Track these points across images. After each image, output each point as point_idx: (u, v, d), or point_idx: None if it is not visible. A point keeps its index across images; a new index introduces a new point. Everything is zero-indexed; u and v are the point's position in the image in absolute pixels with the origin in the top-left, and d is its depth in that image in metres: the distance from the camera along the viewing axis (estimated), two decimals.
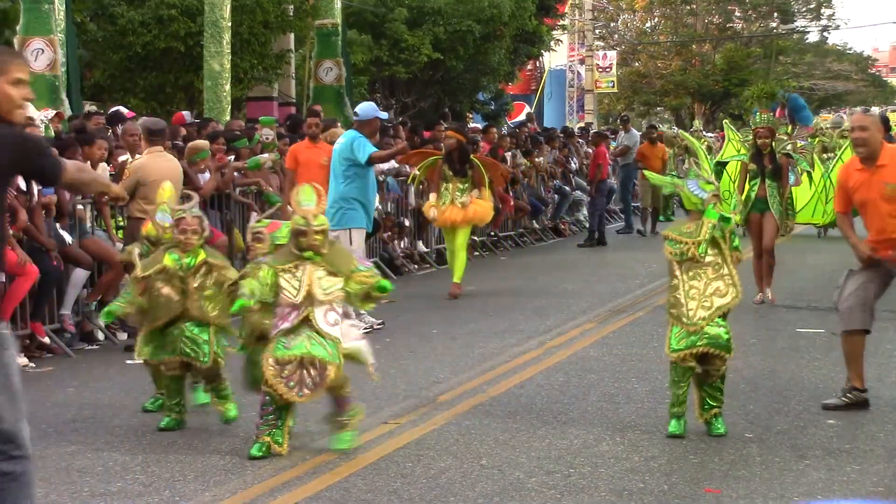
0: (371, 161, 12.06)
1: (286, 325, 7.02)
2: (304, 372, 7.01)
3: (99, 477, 6.82)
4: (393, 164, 16.11)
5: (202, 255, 7.86)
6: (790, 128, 15.16)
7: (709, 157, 21.29)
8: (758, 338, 11.36)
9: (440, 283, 16.04)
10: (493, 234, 20.40)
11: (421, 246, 17.80)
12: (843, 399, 8.37)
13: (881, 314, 12.91)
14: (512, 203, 20.71)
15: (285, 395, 7.01)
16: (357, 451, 7.38)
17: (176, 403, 7.94)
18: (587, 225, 22.48)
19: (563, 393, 9.04)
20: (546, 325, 12.23)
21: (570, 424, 8.05)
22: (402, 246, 17.14)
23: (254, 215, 13.37)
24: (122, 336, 11.62)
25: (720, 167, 17.40)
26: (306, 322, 7.03)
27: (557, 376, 9.68)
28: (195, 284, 7.82)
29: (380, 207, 16.18)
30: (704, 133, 32.42)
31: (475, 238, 19.51)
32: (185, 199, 8.22)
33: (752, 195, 13.22)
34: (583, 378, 9.57)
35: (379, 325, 12.09)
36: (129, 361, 5.82)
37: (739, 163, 14.04)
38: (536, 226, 22.49)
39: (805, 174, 14.79)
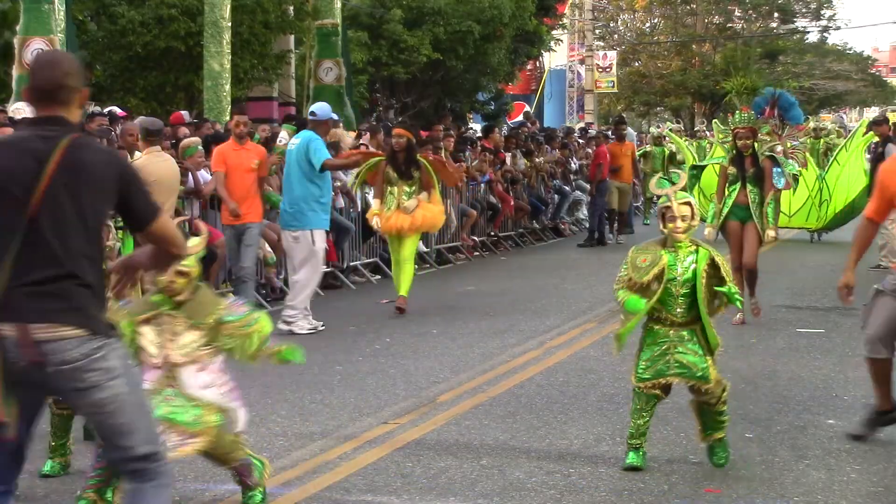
0: (324, 168, 12.09)
1: (146, 385, 5.69)
2: (168, 433, 5.69)
3: None
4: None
5: None
6: (782, 128, 14.33)
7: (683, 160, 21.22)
8: (758, 338, 11.36)
9: (440, 283, 16.05)
10: (493, 234, 20.41)
11: (421, 246, 17.78)
12: (869, 429, 7.63)
13: None
14: (512, 203, 20.73)
15: None
16: (357, 450, 7.38)
17: (61, 445, 6.92)
18: (587, 225, 22.48)
19: (563, 393, 9.04)
20: (546, 325, 12.23)
21: (570, 424, 8.05)
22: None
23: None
24: None
25: (696, 171, 16.47)
26: (170, 382, 5.83)
27: (557, 376, 9.68)
28: None
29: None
30: (708, 134, 32.04)
31: (475, 238, 19.53)
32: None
33: (730, 201, 11.96)
34: (583, 378, 9.57)
35: (322, 327, 12.01)
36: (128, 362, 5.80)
37: (718, 166, 12.65)
38: (536, 226, 22.49)
39: (798, 176, 14.09)
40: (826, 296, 14.23)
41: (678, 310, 6.77)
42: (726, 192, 12.00)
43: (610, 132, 23.57)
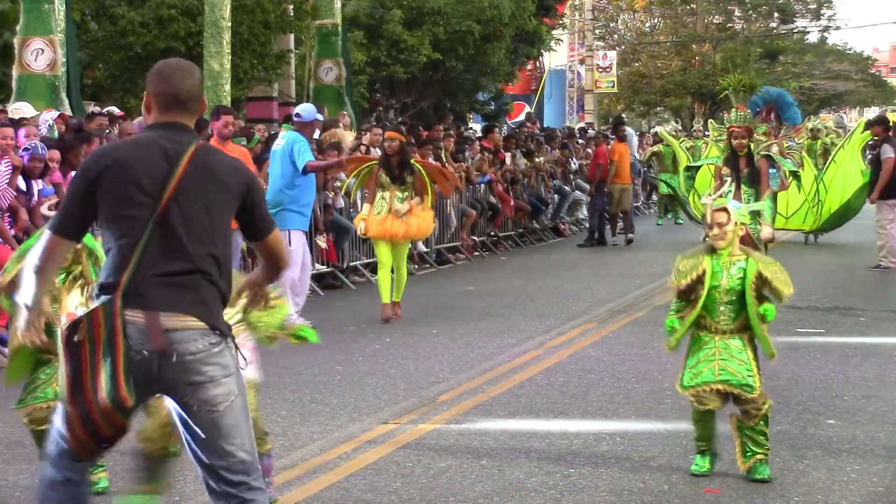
0: (306, 170, 12.09)
1: None
2: None
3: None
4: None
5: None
6: (779, 128, 13.93)
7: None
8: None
9: (440, 283, 16.05)
10: (493, 234, 20.41)
11: (421, 246, 17.79)
12: None
13: (881, 314, 12.96)
14: (512, 203, 20.73)
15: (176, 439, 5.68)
16: (357, 450, 7.38)
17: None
18: (587, 225, 22.47)
19: (563, 393, 9.04)
20: (546, 325, 12.23)
21: (570, 424, 8.05)
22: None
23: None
24: None
25: (691, 172, 16.04)
26: None
27: (557, 376, 9.68)
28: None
29: None
30: (705, 134, 31.77)
31: (475, 238, 19.53)
32: None
33: None
34: (583, 378, 9.57)
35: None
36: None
37: (713, 166, 12.31)
38: (536, 226, 22.50)
39: (793, 178, 13.52)
40: (826, 296, 14.24)
41: (722, 318, 6.74)
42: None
43: (610, 132, 23.36)
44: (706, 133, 24.84)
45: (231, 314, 5.68)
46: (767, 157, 11.74)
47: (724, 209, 6.82)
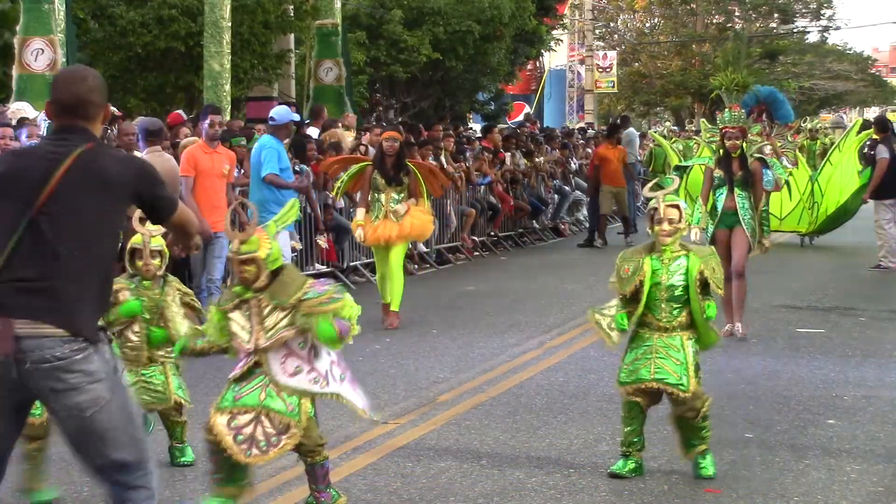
0: (267, 180, 12.14)
1: (236, 371, 5.83)
2: (258, 427, 5.70)
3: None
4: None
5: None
6: (771, 127, 13.34)
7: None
8: (758, 338, 11.35)
9: (440, 283, 16.05)
10: (493, 234, 20.41)
11: (421, 246, 17.80)
12: None
13: (880, 314, 12.96)
14: (512, 203, 20.73)
15: (231, 451, 5.70)
16: (357, 450, 7.38)
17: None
18: (587, 225, 22.46)
19: (563, 393, 9.04)
20: (546, 325, 12.23)
21: (570, 424, 8.05)
22: None
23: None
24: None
25: (679, 172, 15.46)
26: (260, 367, 5.77)
27: (557, 376, 9.68)
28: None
29: None
30: (696, 133, 31.43)
31: (475, 238, 19.52)
32: None
33: (719, 207, 11.12)
34: (583, 378, 9.57)
35: None
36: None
37: (703, 166, 11.70)
38: (536, 226, 22.49)
39: (787, 177, 13.42)
40: (826, 296, 14.25)
41: (663, 315, 6.70)
42: (712, 197, 11.20)
43: (605, 133, 23.17)
44: (698, 133, 24.45)
45: (279, 319, 5.68)
46: (761, 159, 11.28)
47: (676, 206, 6.75)
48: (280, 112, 12.63)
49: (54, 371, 4.36)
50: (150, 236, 6.63)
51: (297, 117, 12.91)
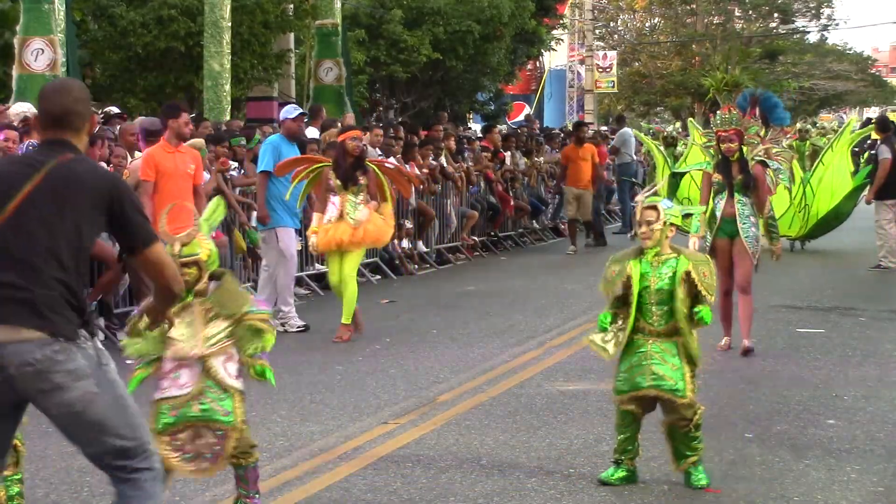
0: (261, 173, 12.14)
1: (173, 389, 5.66)
2: (199, 440, 5.65)
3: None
4: None
5: None
6: (763, 130, 13.44)
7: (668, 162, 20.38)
8: (758, 338, 11.35)
9: (440, 283, 16.05)
10: (493, 234, 20.41)
11: (421, 246, 17.81)
12: None
13: (880, 314, 12.96)
14: (512, 203, 20.73)
15: (182, 471, 5.72)
16: (357, 451, 7.38)
17: None
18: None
19: (563, 393, 9.04)
20: (546, 325, 12.23)
21: (570, 424, 8.05)
22: (402, 246, 17.15)
23: (255, 214, 13.29)
24: (123, 336, 11.60)
25: (676, 179, 14.88)
26: (204, 376, 5.65)
27: (557, 376, 9.68)
28: None
29: None
30: (684, 134, 30.76)
31: (475, 238, 19.52)
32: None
33: (718, 214, 10.49)
34: (583, 378, 9.57)
35: (301, 328, 11.96)
36: (129, 361, 5.81)
37: (702, 172, 11.10)
38: (536, 226, 22.49)
39: (787, 184, 12.37)
40: (826, 296, 14.25)
41: (654, 318, 6.61)
42: (711, 203, 10.57)
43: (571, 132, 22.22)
44: (687, 134, 23.81)
45: (222, 328, 5.62)
46: (762, 162, 10.72)
47: (654, 207, 6.67)
48: (286, 110, 12.70)
49: (38, 374, 4.42)
50: (180, 245, 5.65)
51: (293, 113, 12.70)
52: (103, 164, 10.90)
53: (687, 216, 9.59)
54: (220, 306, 5.61)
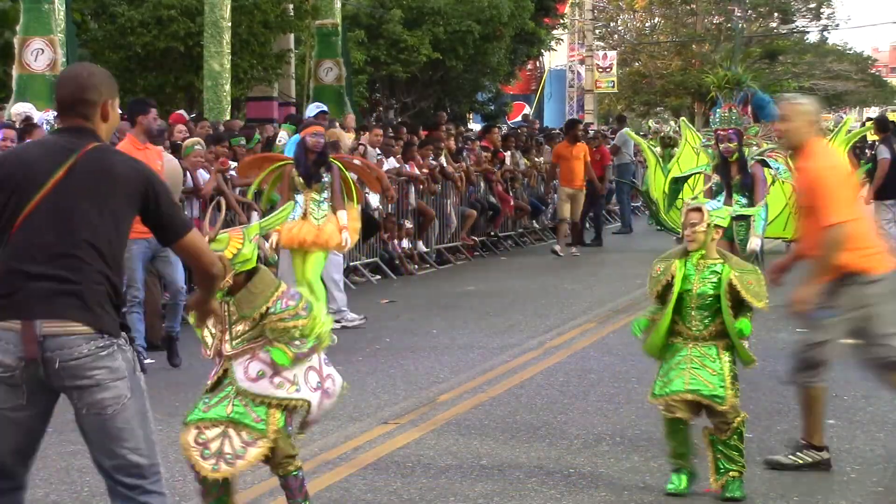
0: None
1: (209, 380, 5.66)
2: (226, 442, 5.53)
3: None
4: None
5: None
6: (756, 127, 12.49)
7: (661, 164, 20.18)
8: (758, 338, 11.33)
9: (440, 283, 16.05)
10: (493, 234, 20.41)
11: (421, 246, 17.81)
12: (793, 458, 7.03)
13: None
14: (512, 203, 20.73)
15: (197, 466, 5.59)
16: (357, 451, 7.38)
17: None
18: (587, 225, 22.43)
19: (563, 393, 9.04)
20: (546, 325, 12.23)
21: (570, 424, 8.05)
22: (402, 246, 17.16)
23: (255, 215, 13.26)
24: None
25: (678, 185, 14.56)
26: (227, 375, 5.61)
27: (557, 376, 9.68)
28: None
29: (380, 208, 16.21)
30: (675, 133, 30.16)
31: (475, 238, 19.51)
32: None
33: None
34: (583, 378, 9.57)
35: (361, 320, 12.01)
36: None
37: (702, 176, 10.83)
38: (536, 226, 22.49)
39: (785, 180, 12.47)
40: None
41: (693, 323, 6.47)
42: None
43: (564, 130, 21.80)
44: (676, 134, 23.39)
45: (243, 330, 5.53)
46: (762, 162, 10.51)
47: (699, 209, 6.53)
48: (309, 109, 12.70)
49: (80, 368, 4.37)
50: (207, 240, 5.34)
51: (314, 112, 12.62)
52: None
53: (739, 218, 9.46)
54: (239, 308, 5.53)
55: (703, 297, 6.44)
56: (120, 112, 4.81)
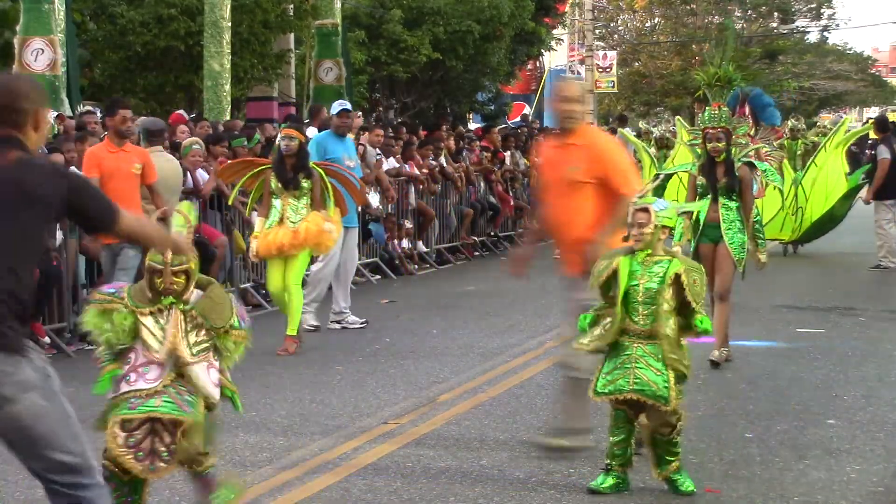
0: None
1: (140, 382, 5.46)
2: (155, 438, 5.42)
3: None
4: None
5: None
6: (753, 129, 12.07)
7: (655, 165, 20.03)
8: (758, 338, 11.36)
9: (440, 283, 16.05)
10: (493, 234, 20.41)
11: (421, 246, 17.82)
12: None
13: (880, 314, 12.95)
14: (512, 203, 20.73)
15: (134, 470, 5.43)
16: (357, 451, 7.38)
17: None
18: None
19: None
20: (546, 325, 12.22)
21: None
22: (402, 246, 17.16)
23: (254, 215, 13.23)
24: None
25: (663, 181, 14.29)
26: (174, 379, 5.48)
27: (557, 376, 9.67)
28: None
29: (380, 207, 16.21)
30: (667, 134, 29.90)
31: (475, 238, 19.50)
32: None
33: (702, 218, 9.81)
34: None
35: (363, 324, 12.05)
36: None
37: (689, 175, 10.37)
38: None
39: (778, 185, 12.57)
40: (826, 296, 14.24)
41: (639, 317, 6.42)
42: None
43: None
44: (674, 133, 23.24)
45: (204, 338, 5.50)
46: (749, 163, 10.05)
47: (646, 209, 6.47)
48: (333, 107, 12.74)
49: None
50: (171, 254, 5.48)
51: (336, 109, 12.48)
52: (55, 158, 10.31)
53: (685, 213, 9.38)
54: (205, 316, 5.48)
55: (650, 291, 6.42)
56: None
